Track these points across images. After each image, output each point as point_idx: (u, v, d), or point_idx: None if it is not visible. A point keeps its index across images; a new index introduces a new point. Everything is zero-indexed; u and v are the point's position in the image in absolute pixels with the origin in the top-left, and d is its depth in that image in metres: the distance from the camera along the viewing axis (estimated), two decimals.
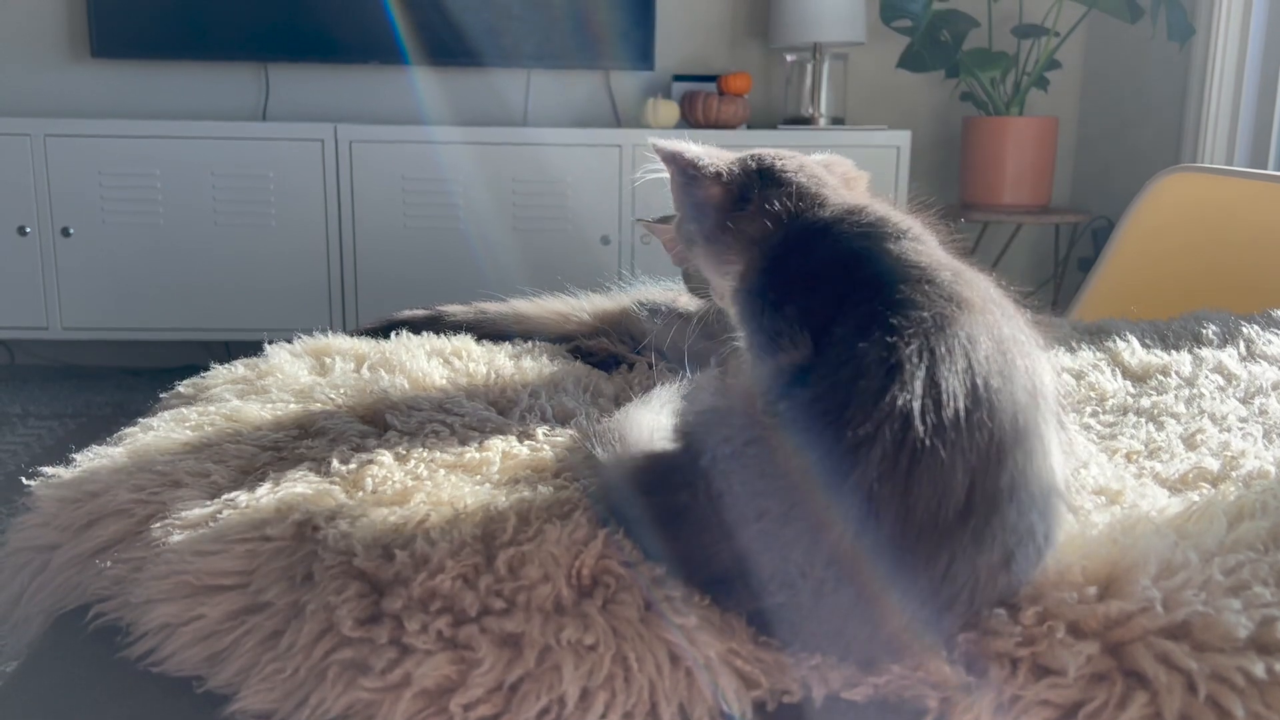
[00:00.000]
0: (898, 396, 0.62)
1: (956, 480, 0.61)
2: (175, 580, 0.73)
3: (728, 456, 0.67)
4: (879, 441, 0.61)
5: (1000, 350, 0.65)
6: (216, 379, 1.16)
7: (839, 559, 0.62)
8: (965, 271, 0.73)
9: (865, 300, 0.69)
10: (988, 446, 0.62)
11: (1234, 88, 2.91)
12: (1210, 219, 1.90)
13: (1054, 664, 0.62)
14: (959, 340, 0.64)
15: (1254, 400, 1.08)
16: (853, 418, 0.62)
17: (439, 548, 0.70)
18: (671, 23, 3.53)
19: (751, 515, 0.64)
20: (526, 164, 3.17)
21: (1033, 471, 0.64)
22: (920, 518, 0.61)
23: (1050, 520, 0.66)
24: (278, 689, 0.65)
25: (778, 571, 0.64)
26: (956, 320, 0.66)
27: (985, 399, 0.63)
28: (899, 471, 0.60)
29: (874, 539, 0.61)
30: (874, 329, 0.65)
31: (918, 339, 0.64)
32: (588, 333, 1.29)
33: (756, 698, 0.64)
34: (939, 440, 0.61)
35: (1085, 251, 3.49)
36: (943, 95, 3.63)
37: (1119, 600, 0.65)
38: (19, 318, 3.14)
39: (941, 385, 0.62)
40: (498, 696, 0.62)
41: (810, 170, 0.88)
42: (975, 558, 0.62)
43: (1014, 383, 0.64)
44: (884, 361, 0.63)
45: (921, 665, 0.63)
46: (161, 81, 3.43)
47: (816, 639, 0.65)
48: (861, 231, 0.78)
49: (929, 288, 0.68)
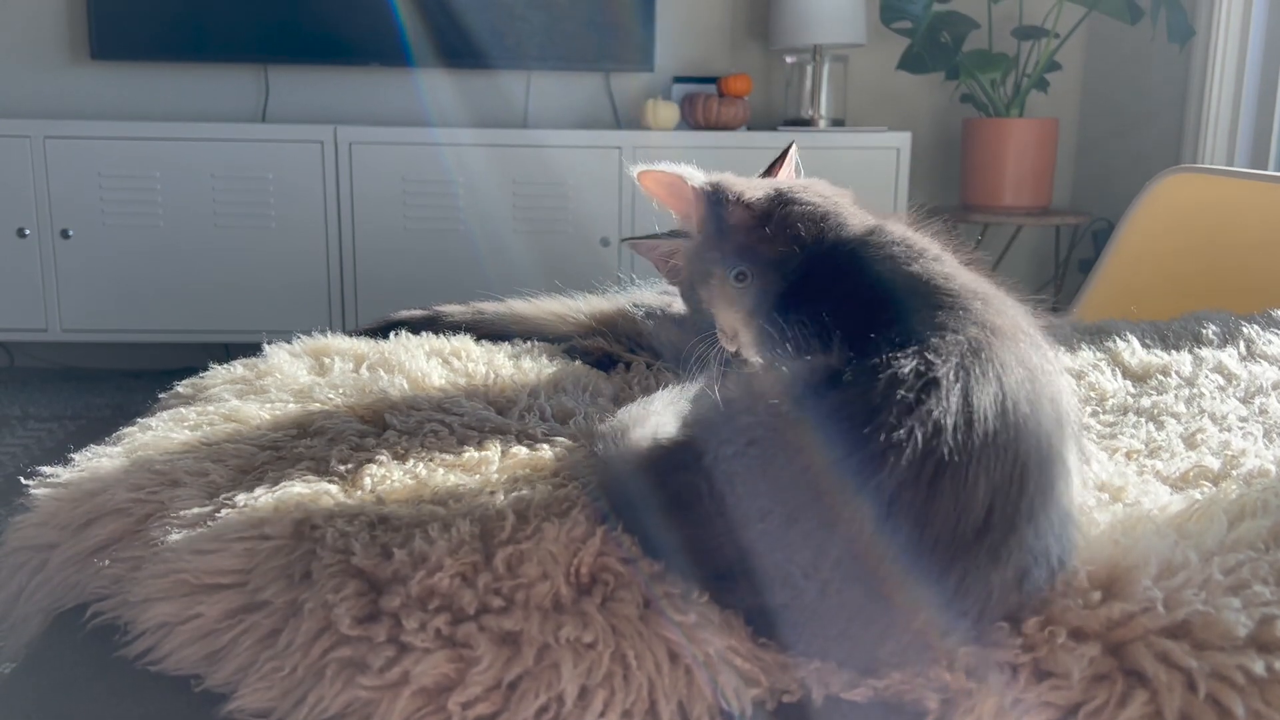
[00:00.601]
0: (933, 409, 0.63)
1: (978, 497, 0.62)
2: (173, 579, 0.72)
3: (729, 457, 0.67)
4: (909, 447, 0.62)
5: (1030, 378, 0.67)
6: (215, 379, 1.16)
7: (848, 561, 0.62)
8: (994, 297, 0.75)
9: (902, 319, 0.71)
10: (1012, 468, 0.63)
11: (1234, 89, 2.91)
12: (1210, 220, 1.90)
13: (1056, 668, 0.62)
14: (992, 365, 0.66)
15: (1254, 400, 1.08)
16: (884, 423, 0.62)
17: (437, 546, 0.70)
18: (672, 24, 3.53)
19: (754, 515, 0.64)
20: (526, 165, 3.17)
21: (1053, 496, 0.65)
22: (939, 529, 0.61)
23: (1065, 544, 0.67)
24: (276, 687, 0.65)
25: (781, 571, 0.64)
26: (990, 346, 0.68)
27: (1014, 422, 0.64)
28: (923, 480, 0.61)
29: (889, 545, 0.61)
30: (912, 345, 0.67)
31: (955, 359, 0.66)
32: (584, 333, 1.29)
33: (756, 696, 0.64)
34: (966, 456, 0.62)
35: (1086, 253, 3.49)
36: (943, 97, 3.63)
37: (1121, 602, 0.65)
38: (18, 320, 3.14)
39: (974, 405, 0.64)
40: (496, 695, 0.62)
41: (824, 191, 0.90)
42: (989, 574, 0.63)
43: (1041, 410, 0.66)
44: (922, 375, 0.65)
45: (923, 672, 0.63)
46: (161, 83, 3.43)
47: (818, 642, 0.65)
48: (890, 254, 0.80)
49: (964, 314, 0.70)
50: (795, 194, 0.88)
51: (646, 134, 3.25)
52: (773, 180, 0.95)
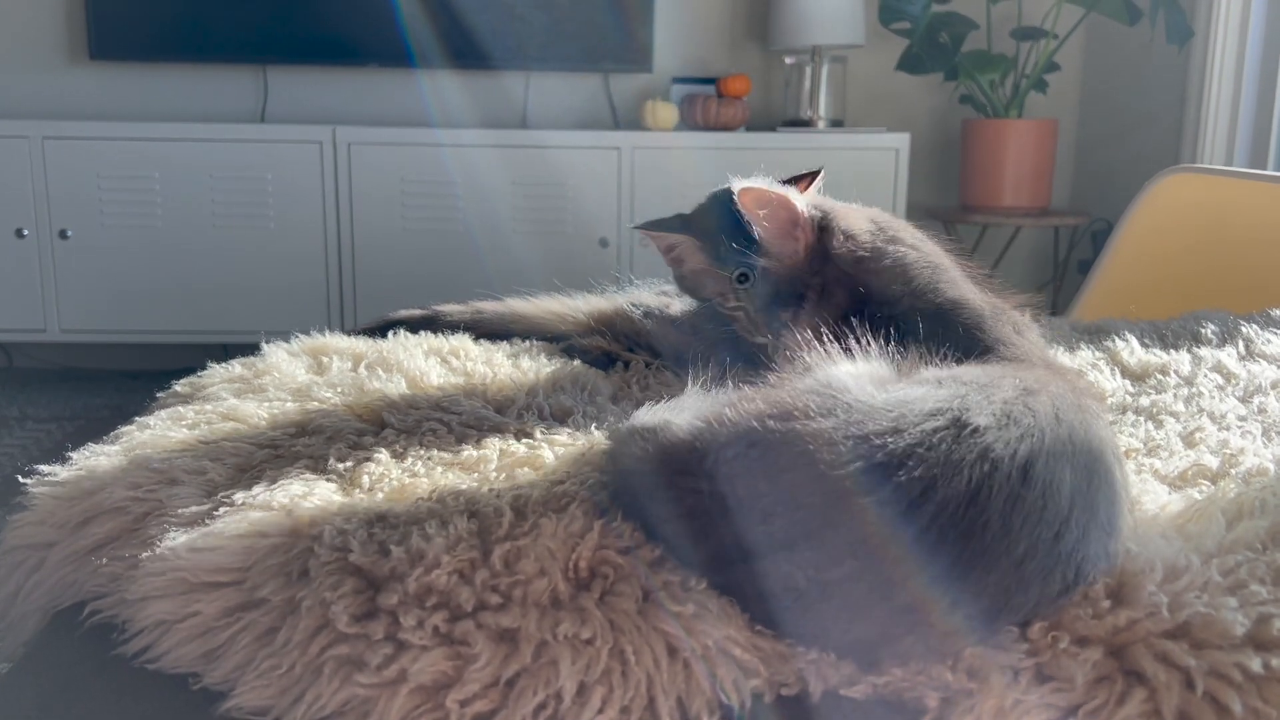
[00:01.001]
0: (993, 446, 0.65)
1: (1020, 533, 0.64)
2: (171, 577, 0.72)
3: (730, 459, 0.67)
4: (963, 476, 0.63)
5: (1074, 408, 0.72)
6: (213, 378, 1.16)
7: (863, 558, 0.62)
8: (1054, 363, 0.84)
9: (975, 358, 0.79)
10: (1054, 518, 0.65)
11: (1233, 89, 2.91)
12: (1209, 220, 1.90)
13: (1059, 673, 0.62)
14: (1038, 399, 0.70)
15: (1253, 399, 1.08)
16: (950, 450, 0.64)
17: (434, 543, 0.70)
18: (670, 25, 3.53)
19: (757, 516, 0.65)
20: (525, 166, 3.17)
21: (1093, 535, 0.67)
22: (984, 548, 0.63)
23: (1098, 569, 0.68)
24: (273, 685, 0.65)
25: (783, 573, 0.64)
26: (1035, 384, 0.73)
27: (1055, 477, 0.66)
28: (978, 505, 0.63)
29: (924, 556, 0.62)
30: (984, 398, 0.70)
31: (1020, 412, 0.68)
32: (583, 332, 1.29)
33: (755, 688, 0.63)
34: (1017, 493, 0.64)
35: (1085, 254, 3.49)
36: (942, 97, 3.63)
37: (1128, 609, 0.65)
38: (17, 320, 3.14)
39: (1031, 457, 0.65)
40: (494, 692, 0.62)
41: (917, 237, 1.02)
42: (1020, 595, 0.64)
43: (1096, 478, 0.69)
44: (992, 414, 0.67)
45: (924, 671, 0.63)
46: (160, 84, 3.43)
47: (821, 635, 0.65)
48: (969, 321, 0.90)
49: (1028, 378, 0.75)
50: (899, 234, 1.00)
51: (646, 134, 3.25)
52: (867, 212, 1.05)
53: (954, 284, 0.96)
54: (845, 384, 0.71)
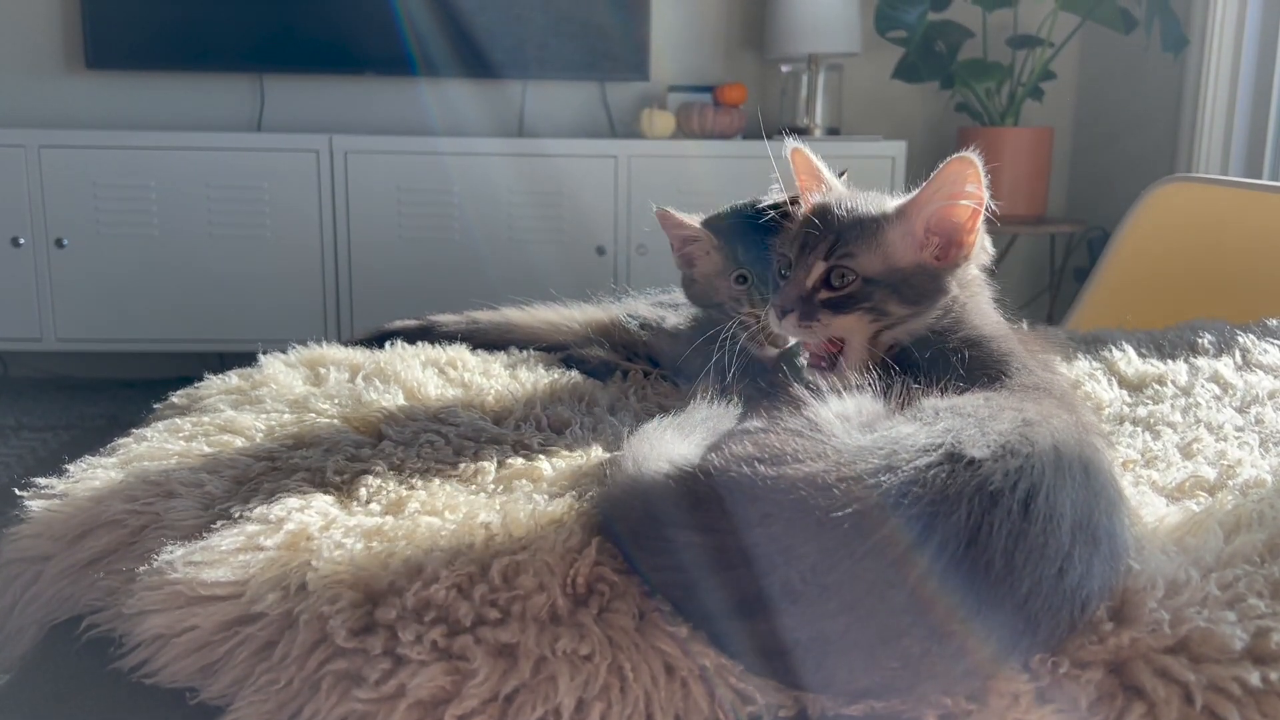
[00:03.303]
0: (991, 478, 0.64)
1: (1023, 571, 0.63)
2: (168, 591, 0.72)
3: (723, 512, 0.66)
4: (962, 510, 0.62)
5: (1074, 430, 0.72)
6: (210, 389, 1.16)
7: (863, 610, 0.62)
8: (1069, 396, 0.82)
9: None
10: (1056, 553, 0.64)
11: (1228, 98, 2.92)
12: (1205, 228, 1.91)
13: (1059, 697, 0.62)
14: (1055, 456, 0.68)
15: (1250, 409, 1.08)
16: (946, 485, 0.63)
17: (433, 557, 0.70)
18: (667, 33, 3.53)
19: (756, 518, 0.64)
20: (522, 174, 3.16)
21: (1096, 568, 0.66)
22: (989, 586, 0.62)
23: (1103, 599, 0.68)
24: (271, 700, 0.65)
25: (784, 626, 0.63)
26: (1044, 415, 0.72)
27: (1055, 510, 0.65)
28: (979, 543, 0.62)
29: (928, 600, 0.61)
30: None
31: (1018, 443, 0.68)
32: (581, 341, 1.29)
33: (752, 712, 0.63)
34: (1019, 527, 0.63)
35: (1081, 262, 3.50)
36: (938, 106, 3.63)
37: (1130, 629, 0.65)
38: (12, 329, 3.13)
39: (1031, 489, 0.65)
40: (493, 708, 0.61)
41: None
42: (1028, 636, 0.64)
43: (1097, 511, 0.68)
44: (988, 446, 0.66)
45: (924, 694, 0.63)
46: (156, 93, 3.43)
47: (825, 686, 0.64)
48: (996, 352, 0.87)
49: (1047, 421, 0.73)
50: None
51: (643, 143, 3.25)
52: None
53: (982, 314, 0.94)
54: (832, 428, 0.70)
